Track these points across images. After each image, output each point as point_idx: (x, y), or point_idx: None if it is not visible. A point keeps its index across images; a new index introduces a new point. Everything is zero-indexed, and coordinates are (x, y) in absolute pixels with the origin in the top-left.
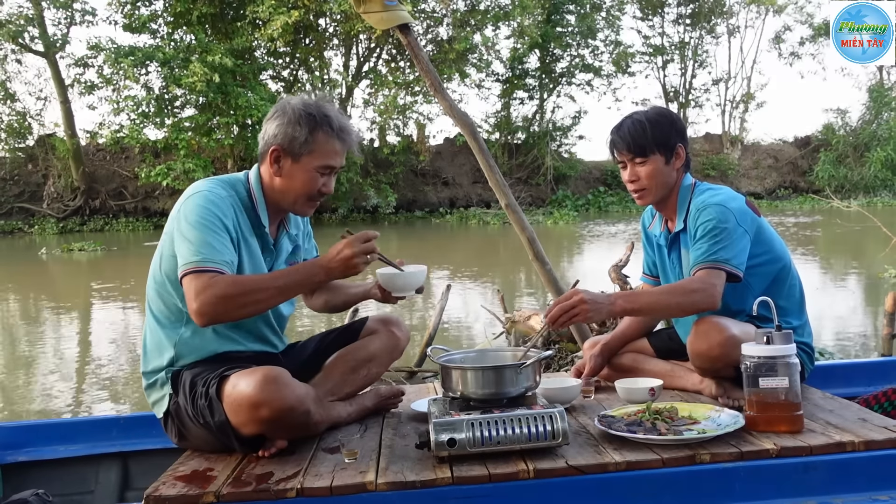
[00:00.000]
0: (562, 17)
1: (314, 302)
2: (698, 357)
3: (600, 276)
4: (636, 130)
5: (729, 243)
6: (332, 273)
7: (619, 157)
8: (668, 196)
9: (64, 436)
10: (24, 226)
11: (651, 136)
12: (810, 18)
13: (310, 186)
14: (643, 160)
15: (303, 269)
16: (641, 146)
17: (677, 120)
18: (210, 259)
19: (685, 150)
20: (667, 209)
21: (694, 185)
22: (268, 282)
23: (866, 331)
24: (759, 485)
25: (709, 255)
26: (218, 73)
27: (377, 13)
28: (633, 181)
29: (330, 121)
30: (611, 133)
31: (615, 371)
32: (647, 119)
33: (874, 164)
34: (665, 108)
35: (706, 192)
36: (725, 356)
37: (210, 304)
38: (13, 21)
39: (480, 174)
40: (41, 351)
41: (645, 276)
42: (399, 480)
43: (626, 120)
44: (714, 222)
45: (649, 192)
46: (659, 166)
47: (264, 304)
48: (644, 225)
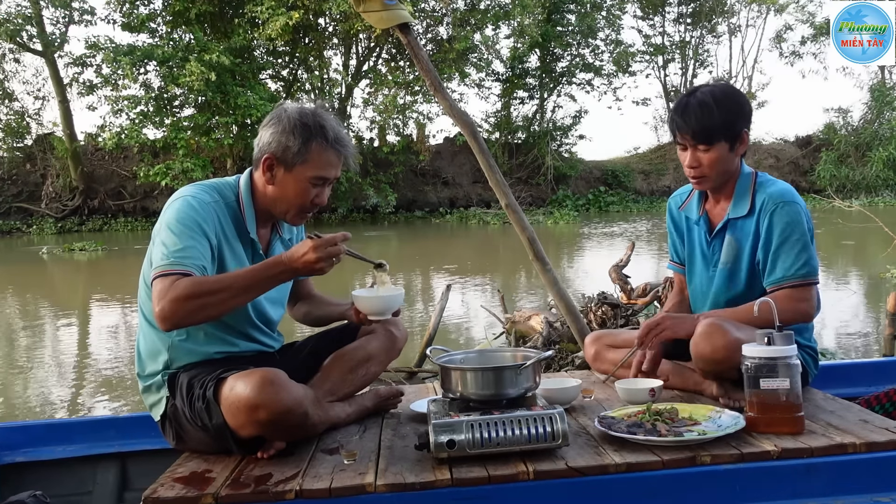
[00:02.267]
0: (562, 17)
1: (295, 312)
2: (701, 359)
3: (600, 276)
4: (703, 115)
5: (810, 252)
6: (297, 273)
7: (680, 139)
8: (726, 183)
9: (62, 436)
10: (22, 226)
11: (718, 121)
12: (811, 17)
13: (302, 197)
14: (707, 147)
15: (265, 267)
16: (707, 133)
17: (745, 101)
18: (179, 262)
19: (749, 134)
20: (721, 193)
21: (755, 174)
22: (230, 281)
23: (868, 331)
24: (760, 486)
25: (797, 269)
26: (215, 71)
27: (377, 12)
28: (693, 167)
29: (325, 132)
30: (674, 113)
31: (613, 367)
32: (714, 100)
33: (876, 164)
34: (732, 86)
35: (777, 185)
36: (729, 360)
37: (170, 308)
38: (11, 20)
39: (480, 174)
40: (43, 351)
41: (673, 263)
42: (398, 482)
43: (692, 100)
44: (793, 226)
45: (709, 180)
46: (723, 154)
47: (228, 305)
48: (671, 209)
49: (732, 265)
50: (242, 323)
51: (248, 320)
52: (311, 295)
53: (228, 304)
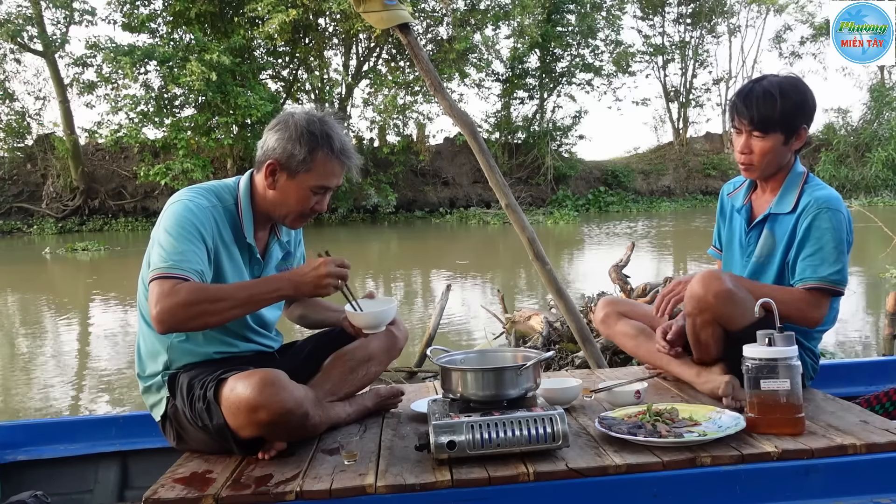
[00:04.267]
0: (562, 17)
1: (291, 313)
2: (692, 298)
3: (600, 276)
4: (765, 102)
5: (843, 262)
6: (301, 289)
7: (737, 123)
8: (775, 175)
9: (63, 435)
10: (22, 226)
11: (779, 111)
12: (811, 18)
13: (303, 204)
14: (762, 135)
15: (269, 281)
16: (765, 122)
17: (810, 98)
18: (178, 266)
19: (807, 131)
20: (767, 185)
21: (807, 175)
22: (232, 292)
23: (867, 331)
24: (760, 488)
25: (828, 274)
26: (216, 71)
27: (377, 12)
28: (744, 153)
29: (331, 142)
30: (736, 96)
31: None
32: (779, 91)
33: (875, 164)
34: (801, 79)
35: (825, 189)
36: (717, 308)
37: (169, 312)
38: (12, 20)
39: (480, 174)
40: (49, 350)
41: (713, 248)
42: (399, 483)
43: (756, 86)
44: (833, 233)
45: (756, 169)
46: (776, 145)
47: (226, 315)
48: (723, 194)
49: (765, 260)
50: (240, 324)
51: (246, 322)
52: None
53: (227, 314)
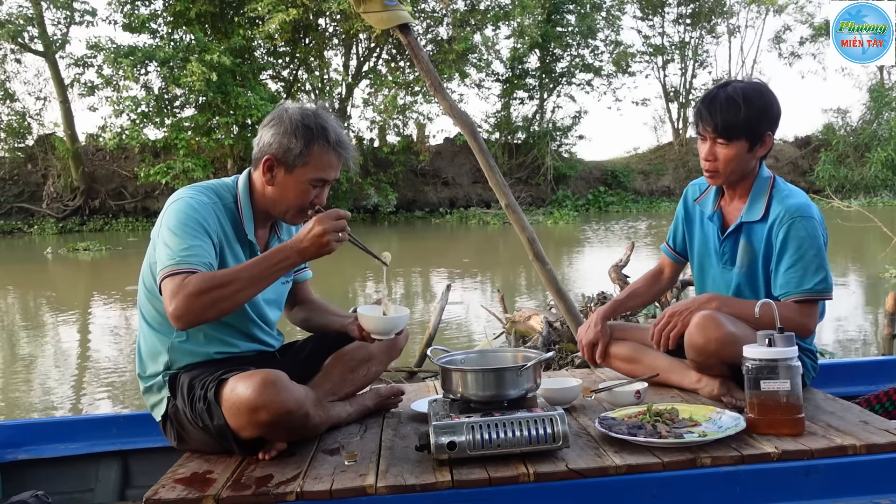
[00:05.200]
0: (562, 17)
1: (293, 317)
2: (693, 349)
3: (600, 276)
4: (728, 109)
5: (824, 270)
6: (305, 253)
7: (701, 130)
8: (741, 181)
9: (64, 434)
10: (23, 226)
11: (743, 118)
12: (810, 18)
13: (302, 198)
14: (726, 143)
15: (274, 254)
16: (729, 129)
17: (775, 104)
18: (186, 261)
19: (772, 138)
20: (735, 192)
21: (773, 178)
22: (240, 272)
23: (867, 331)
24: (760, 488)
25: (814, 285)
26: (216, 72)
27: (377, 13)
28: (708, 160)
29: (327, 134)
30: (700, 103)
31: (615, 359)
32: (743, 97)
33: (875, 164)
34: (766, 86)
35: (795, 196)
36: (720, 352)
37: (184, 305)
38: (13, 21)
39: (480, 174)
40: (48, 350)
41: (667, 247)
42: (399, 484)
43: (720, 92)
44: (810, 241)
45: (721, 175)
46: (740, 153)
47: (241, 296)
48: (687, 197)
49: (749, 268)
50: (242, 321)
51: (250, 318)
52: (309, 300)
53: (240, 295)
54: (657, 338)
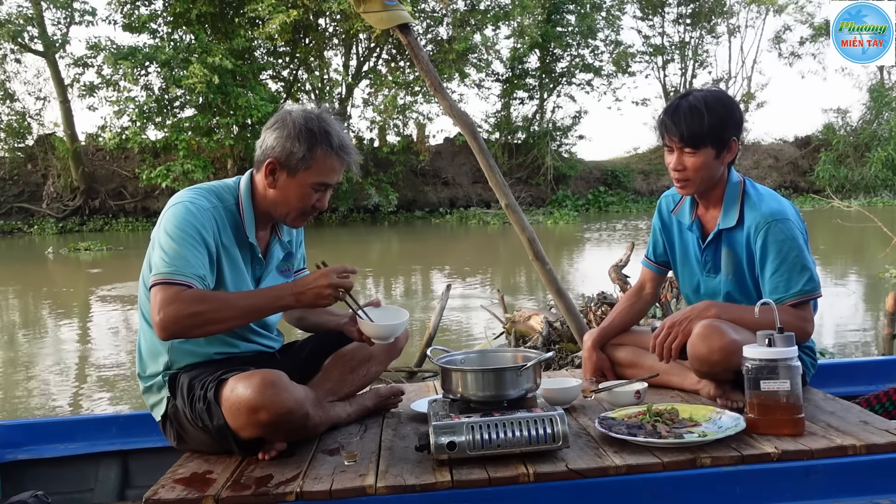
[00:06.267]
0: (562, 17)
1: (289, 315)
2: (697, 360)
3: (600, 276)
4: (692, 119)
5: (809, 269)
6: (301, 300)
7: (668, 141)
8: (712, 189)
9: (64, 434)
10: (23, 226)
11: (707, 126)
12: (810, 18)
13: (304, 202)
14: (693, 151)
15: (271, 292)
16: (694, 137)
17: (736, 109)
18: (180, 272)
19: (738, 143)
20: (709, 201)
21: (743, 182)
22: (234, 301)
23: (867, 331)
24: (760, 488)
25: (802, 287)
26: (217, 74)
27: (377, 13)
28: (678, 170)
29: (330, 138)
30: (664, 114)
31: (614, 364)
32: (705, 105)
33: (875, 164)
34: (726, 93)
35: (766, 200)
36: (725, 361)
37: (172, 320)
38: (13, 21)
39: (480, 174)
40: (49, 350)
41: (648, 260)
42: (399, 484)
43: (683, 102)
44: (790, 244)
45: (692, 184)
46: (708, 160)
47: (228, 324)
48: (661, 209)
49: (735, 275)
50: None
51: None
52: None
53: (229, 324)
54: (659, 350)
